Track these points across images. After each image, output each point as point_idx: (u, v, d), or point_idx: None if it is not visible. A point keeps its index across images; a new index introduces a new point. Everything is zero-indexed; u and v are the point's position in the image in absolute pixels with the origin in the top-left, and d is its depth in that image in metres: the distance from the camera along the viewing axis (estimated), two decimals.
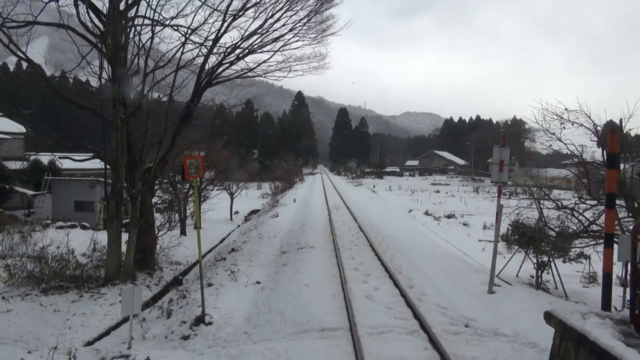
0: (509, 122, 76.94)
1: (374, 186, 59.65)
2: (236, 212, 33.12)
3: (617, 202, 8.80)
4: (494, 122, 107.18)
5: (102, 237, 14.68)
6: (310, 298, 7.90)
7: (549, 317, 4.83)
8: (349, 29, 15.19)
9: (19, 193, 29.58)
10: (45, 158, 32.31)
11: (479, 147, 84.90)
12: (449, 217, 31.00)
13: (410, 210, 34.83)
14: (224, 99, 16.34)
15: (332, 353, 5.64)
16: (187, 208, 24.53)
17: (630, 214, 10.05)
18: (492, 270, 9.19)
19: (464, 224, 27.60)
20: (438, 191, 56.41)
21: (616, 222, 9.29)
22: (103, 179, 31.26)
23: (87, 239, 17.18)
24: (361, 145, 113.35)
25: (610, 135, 5.31)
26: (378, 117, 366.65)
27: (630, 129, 12.37)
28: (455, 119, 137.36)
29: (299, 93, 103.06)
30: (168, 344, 7.05)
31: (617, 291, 7.53)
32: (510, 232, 13.79)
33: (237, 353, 5.96)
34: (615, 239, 6.57)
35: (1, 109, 39.66)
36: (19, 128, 35.89)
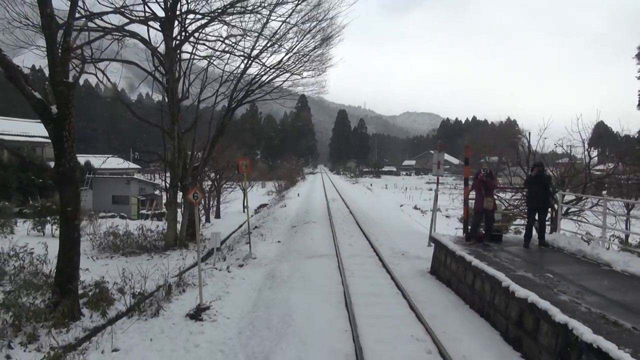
0: (503, 123, 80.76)
1: (371, 184, 64.23)
2: (246, 207, 37.71)
3: None
4: (489, 122, 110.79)
5: (145, 223, 19.89)
6: (314, 245, 13.06)
7: (431, 238, 9.88)
8: (349, 29, 20.53)
9: None
10: (82, 159, 37.53)
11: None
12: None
13: (402, 205, 39.49)
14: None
15: (327, 263, 10.76)
16: (212, 202, 29.69)
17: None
18: (431, 229, 14.15)
19: (447, 216, 31.94)
20: (431, 189, 61.01)
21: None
22: (135, 177, 36.47)
23: (133, 224, 22.29)
24: (360, 145, 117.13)
25: (466, 148, 10.38)
26: (378, 117, 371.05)
27: (545, 137, 17.40)
28: (457, 119, 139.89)
29: (302, 96, 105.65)
30: (232, 268, 12.08)
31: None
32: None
33: (274, 266, 11.03)
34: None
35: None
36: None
